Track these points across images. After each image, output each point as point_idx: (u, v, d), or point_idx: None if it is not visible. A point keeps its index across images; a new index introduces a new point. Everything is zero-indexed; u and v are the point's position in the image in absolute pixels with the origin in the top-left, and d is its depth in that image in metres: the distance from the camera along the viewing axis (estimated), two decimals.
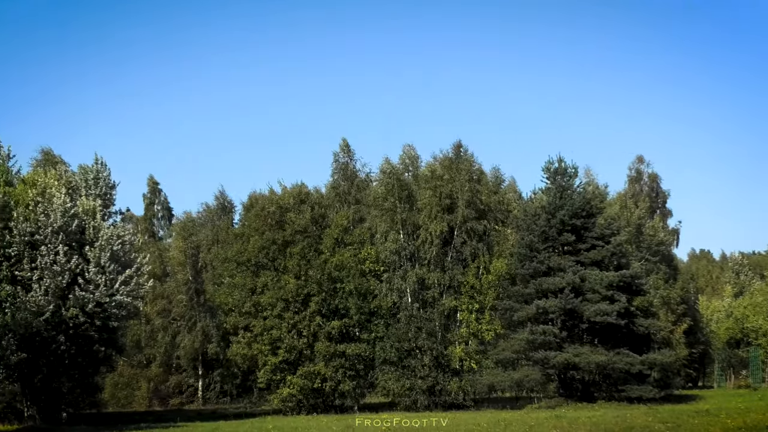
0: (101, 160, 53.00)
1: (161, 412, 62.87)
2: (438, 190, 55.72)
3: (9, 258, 46.03)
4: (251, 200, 62.71)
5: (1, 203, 46.49)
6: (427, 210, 55.36)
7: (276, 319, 53.75)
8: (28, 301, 44.85)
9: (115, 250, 48.02)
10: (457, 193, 55.63)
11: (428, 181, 56.78)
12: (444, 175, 56.66)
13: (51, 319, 45.20)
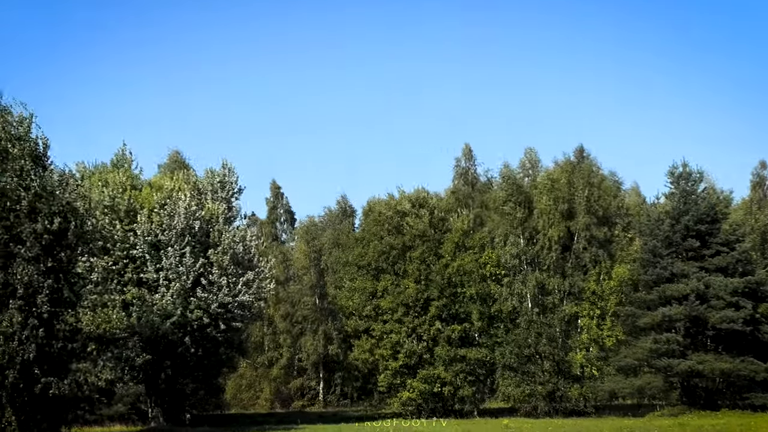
0: (228, 165, 54.03)
1: (283, 414, 63.76)
2: (557, 195, 55.10)
3: (134, 260, 47.48)
4: (369, 205, 63.18)
5: (127, 207, 48.01)
6: (545, 215, 54.81)
7: (396, 323, 54.02)
8: (154, 303, 46.22)
9: (237, 252, 48.98)
10: (577, 199, 54.90)
11: (547, 186, 56.19)
12: (563, 180, 55.97)
13: (176, 320, 46.41)
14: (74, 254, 36.98)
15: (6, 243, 33.92)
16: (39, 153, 36.53)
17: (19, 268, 33.45)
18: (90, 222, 39.13)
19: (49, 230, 34.28)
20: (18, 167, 34.69)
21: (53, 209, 34.86)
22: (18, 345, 32.90)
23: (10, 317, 33.02)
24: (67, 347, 35.97)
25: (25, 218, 34.11)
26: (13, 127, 36.06)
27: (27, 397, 34.48)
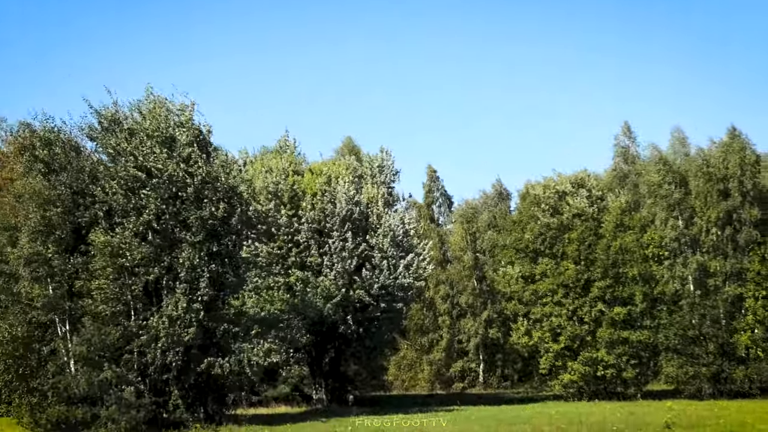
0: (386, 150, 54.81)
1: (444, 396, 64.24)
2: (712, 175, 53.45)
3: (298, 245, 48.80)
4: (527, 188, 62.84)
5: (290, 192, 49.34)
6: (702, 196, 53.27)
7: (555, 305, 53.64)
8: (318, 285, 47.43)
9: (397, 235, 49.71)
10: (733, 179, 53.10)
11: (701, 167, 54.53)
12: (717, 160, 54.23)
13: (339, 302, 47.47)
14: (239, 239, 38.31)
15: (172, 229, 35.48)
16: (203, 139, 38.09)
17: (184, 253, 34.97)
18: (254, 208, 40.46)
19: (215, 216, 35.63)
20: (184, 154, 36.18)
21: (218, 195, 36.19)
22: (182, 327, 34.42)
23: (175, 301, 34.50)
24: (230, 329, 37.37)
25: (191, 204, 35.53)
26: (175, 115, 37.73)
27: (192, 378, 36.04)
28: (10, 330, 35.91)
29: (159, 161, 35.25)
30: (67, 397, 34.70)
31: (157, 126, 36.30)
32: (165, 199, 35.22)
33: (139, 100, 37.91)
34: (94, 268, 34.79)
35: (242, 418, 37.63)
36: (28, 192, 36.49)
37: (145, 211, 34.83)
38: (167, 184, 35.33)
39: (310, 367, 53.07)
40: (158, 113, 36.93)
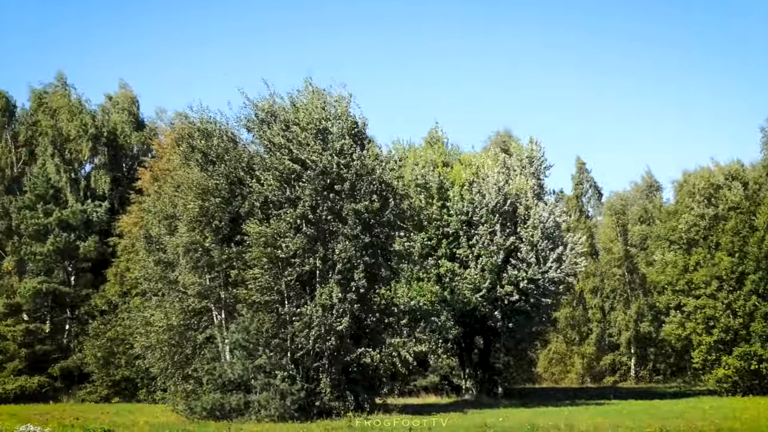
0: (536, 141, 54.36)
1: (594, 389, 63.32)
2: None
3: (447, 236, 48.95)
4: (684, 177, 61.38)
5: (438, 183, 49.58)
6: None
7: (709, 298, 52.22)
8: (466, 277, 47.51)
9: (547, 228, 49.25)
10: None
11: None
12: None
13: (487, 295, 47.30)
14: (392, 232, 38.67)
15: (326, 220, 36.12)
16: (358, 132, 38.38)
17: (339, 245, 35.43)
18: (407, 200, 40.72)
19: (369, 208, 36.09)
20: (338, 146, 36.64)
21: (372, 188, 36.42)
22: (336, 317, 34.87)
23: (330, 290, 34.81)
24: (382, 320, 37.73)
25: (346, 197, 35.88)
26: (332, 107, 38.33)
27: (343, 367, 36.56)
28: (167, 318, 37.14)
29: (314, 153, 35.63)
30: (222, 384, 35.38)
31: (311, 118, 36.78)
32: (319, 191, 35.46)
33: (298, 91, 38.45)
34: (250, 258, 35.37)
35: (392, 407, 37.60)
36: (186, 182, 37.45)
37: (300, 203, 35.27)
38: (322, 176, 35.57)
39: (459, 357, 53.23)
40: (315, 105, 37.36)
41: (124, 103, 64.48)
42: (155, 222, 41.03)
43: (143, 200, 51.44)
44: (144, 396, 49.93)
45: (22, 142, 62.33)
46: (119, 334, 50.20)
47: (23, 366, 55.07)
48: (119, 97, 65.32)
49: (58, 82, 64.36)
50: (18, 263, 58.34)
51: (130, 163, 61.32)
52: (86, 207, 58.07)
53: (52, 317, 59.05)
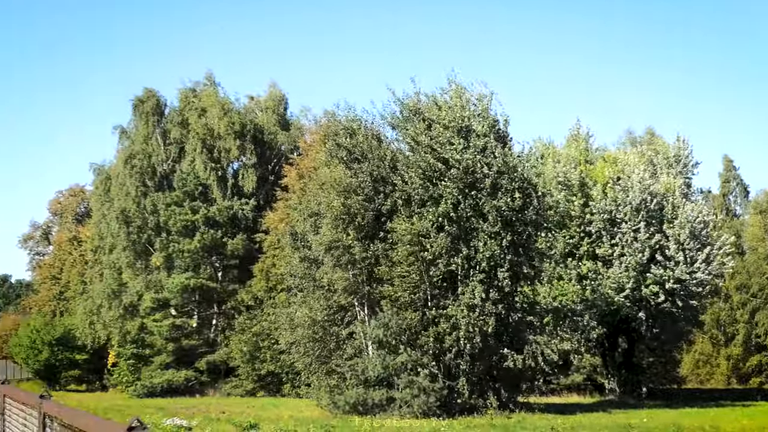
0: (683, 138, 52.95)
1: (740, 391, 61.46)
2: None
3: (590, 235, 48.14)
4: None
5: (580, 181, 48.78)
6: None
7: None
8: (609, 277, 46.62)
9: (694, 227, 47.86)
10: None
11: None
12: None
13: (631, 295, 46.32)
14: (534, 230, 38.26)
15: (468, 218, 35.96)
16: (499, 130, 38.06)
17: (481, 243, 35.21)
18: (548, 198, 40.23)
19: (511, 206, 35.77)
20: (481, 144, 36.50)
21: (514, 185, 36.12)
22: (479, 316, 34.72)
23: (472, 289, 34.81)
24: (524, 319, 37.45)
25: (488, 195, 35.77)
26: (473, 105, 38.16)
27: (485, 364, 36.34)
28: (311, 314, 37.71)
29: (456, 151, 35.69)
30: (364, 380, 35.76)
31: (454, 116, 36.75)
32: (462, 189, 35.50)
33: (441, 89, 38.48)
34: (394, 256, 35.62)
35: (534, 406, 37.40)
36: (330, 180, 37.97)
37: (442, 201, 35.39)
38: (464, 175, 35.56)
39: (602, 357, 52.44)
40: (457, 103, 37.36)
41: (271, 101, 65.75)
42: (300, 219, 41.67)
43: (289, 197, 52.35)
44: (288, 390, 50.82)
45: (172, 141, 64.23)
46: (264, 329, 51.23)
47: (171, 360, 56.87)
48: (267, 96, 66.65)
49: (207, 81, 66.20)
50: (166, 259, 60.20)
51: (276, 161, 62.41)
52: (233, 204, 59.46)
53: (199, 312, 60.74)
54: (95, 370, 72.71)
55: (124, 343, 60.95)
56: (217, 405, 43.53)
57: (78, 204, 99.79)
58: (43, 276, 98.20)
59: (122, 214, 62.35)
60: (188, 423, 32.10)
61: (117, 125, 67.84)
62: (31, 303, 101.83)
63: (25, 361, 72.57)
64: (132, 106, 66.14)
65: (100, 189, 67.90)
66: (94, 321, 64.93)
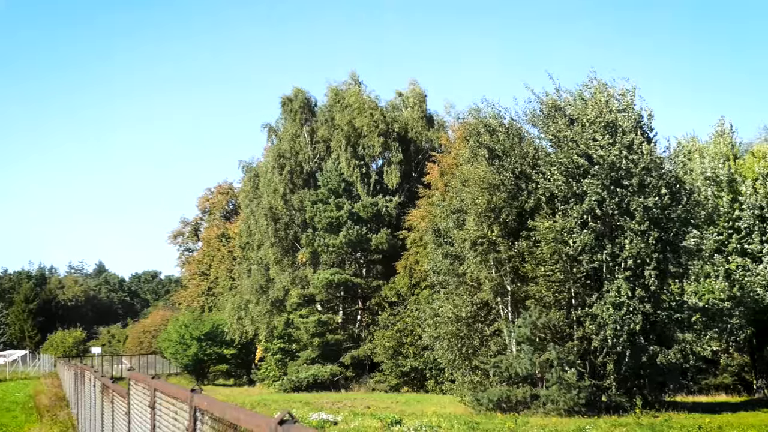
0: None
1: None
2: None
3: (739, 231, 46.56)
4: None
5: (729, 176, 47.22)
6: None
7: None
8: (758, 274, 44.92)
9: None
10: None
11: None
12: None
13: None
14: (682, 228, 37.15)
15: (613, 216, 35.16)
16: (643, 125, 37.29)
17: (627, 241, 34.46)
18: (697, 195, 39.05)
19: (658, 204, 34.80)
20: (626, 141, 35.68)
21: (661, 182, 35.30)
22: (625, 314, 33.98)
23: (618, 287, 34.13)
24: (672, 317, 36.42)
25: (634, 192, 34.95)
26: (616, 100, 37.29)
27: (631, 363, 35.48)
28: (455, 310, 37.80)
29: (601, 148, 35.07)
30: (508, 377, 35.81)
31: (598, 112, 36.11)
32: (606, 186, 34.91)
33: (582, 85, 38.03)
34: (537, 254, 35.43)
35: (681, 405, 36.61)
36: (473, 177, 37.98)
37: (586, 198, 34.82)
38: (609, 171, 34.97)
39: (750, 356, 50.62)
40: (599, 99, 36.75)
41: (413, 99, 65.99)
42: (443, 216, 41.62)
43: (432, 194, 52.29)
44: (432, 386, 50.88)
45: (318, 139, 65.20)
46: (408, 326, 51.38)
47: (316, 355, 57.72)
48: (409, 94, 66.95)
49: (351, 80, 67.01)
50: (312, 255, 61.08)
51: (419, 158, 62.52)
52: (377, 200, 59.84)
53: (344, 308, 61.39)
54: (243, 364, 74.54)
55: (271, 338, 62.20)
56: (361, 400, 43.89)
57: (227, 201, 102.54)
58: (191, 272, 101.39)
59: (270, 211, 63.69)
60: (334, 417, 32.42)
61: (266, 124, 69.55)
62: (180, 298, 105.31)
63: (174, 356, 74.87)
64: (281, 105, 67.66)
65: (249, 186, 69.49)
66: (242, 316, 66.40)
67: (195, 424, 6.19)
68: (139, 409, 9.84)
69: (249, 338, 67.32)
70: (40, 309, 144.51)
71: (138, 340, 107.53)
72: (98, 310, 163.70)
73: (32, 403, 39.43)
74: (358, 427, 29.72)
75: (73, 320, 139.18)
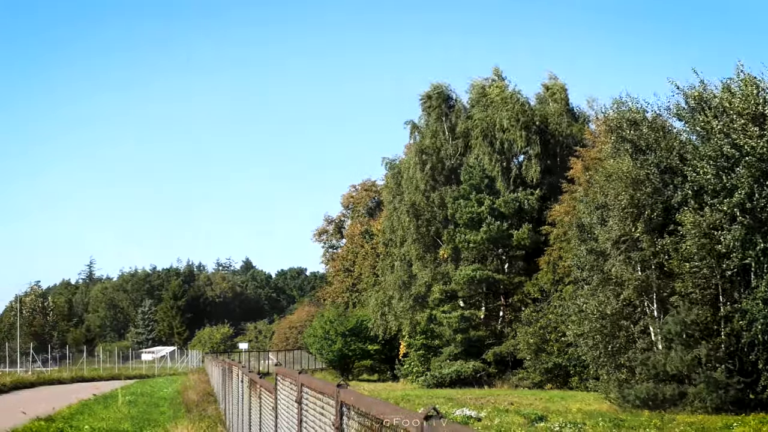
0: None
1: None
2: None
3: None
4: None
5: None
6: None
7: None
8: None
9: None
10: None
11: None
12: None
13: None
14: None
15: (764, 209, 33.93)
16: None
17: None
18: None
19: None
20: None
21: None
22: None
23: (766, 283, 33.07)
24: None
25: None
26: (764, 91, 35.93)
27: None
28: (599, 307, 37.28)
29: (751, 139, 33.90)
30: (655, 375, 35.17)
31: (747, 104, 34.94)
32: (757, 178, 33.76)
33: (729, 78, 36.87)
34: (683, 250, 34.63)
35: None
36: (616, 172, 37.39)
37: (736, 192, 33.77)
38: (759, 163, 33.80)
39: None
40: (750, 92, 35.54)
41: (554, 93, 65.17)
42: (586, 211, 41.07)
43: (575, 189, 51.53)
44: (576, 383, 50.23)
45: (458, 134, 65.17)
46: (551, 322, 50.82)
47: (459, 351, 57.68)
48: (549, 88, 66.15)
49: (494, 75, 66.70)
50: (454, 251, 61.09)
51: (561, 153, 61.68)
52: (518, 195, 59.37)
53: (486, 304, 61.19)
54: (386, 360, 75.12)
55: (414, 334, 62.51)
56: (504, 396, 43.76)
57: (370, 198, 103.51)
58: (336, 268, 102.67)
59: (412, 207, 64.03)
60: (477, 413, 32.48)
61: (408, 121, 69.94)
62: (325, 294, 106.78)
63: (319, 351, 76.04)
64: (420, 102, 67.94)
65: (392, 183, 70.00)
66: (385, 312, 66.88)
67: (341, 419, 6.29)
68: (286, 404, 10.04)
69: (392, 334, 67.77)
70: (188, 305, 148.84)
71: (284, 336, 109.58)
72: (245, 306, 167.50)
73: (180, 398, 40.62)
74: (502, 423, 29.66)
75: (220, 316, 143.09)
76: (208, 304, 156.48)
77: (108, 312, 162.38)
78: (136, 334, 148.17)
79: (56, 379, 67.05)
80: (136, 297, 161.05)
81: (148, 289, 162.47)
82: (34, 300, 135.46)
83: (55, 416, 30.47)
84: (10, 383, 56.12)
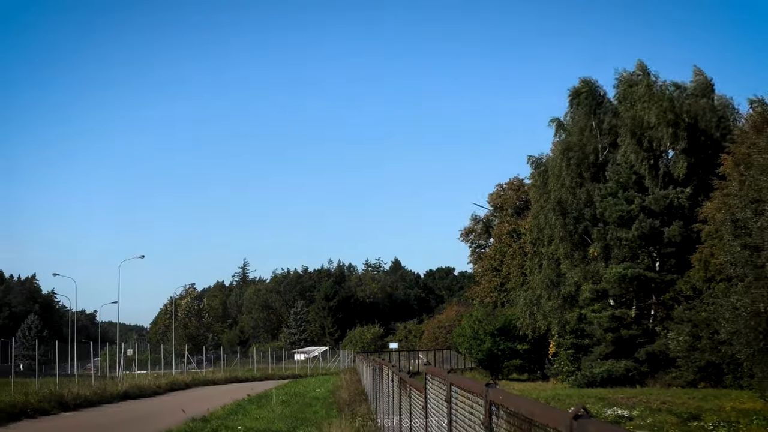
0: None
1: None
2: None
3: None
4: None
5: None
6: None
7: None
8: None
9: None
10: None
11: None
12: None
13: None
14: None
15: None
16: None
17: None
18: None
19: None
20: None
21: None
22: None
23: None
24: None
25: None
26: None
27: None
28: (752, 305, 36.44)
29: None
30: None
31: None
32: None
33: None
34: None
35: None
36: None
37: None
38: None
39: None
40: None
41: (699, 88, 63.66)
42: (740, 206, 40.15)
43: (726, 186, 50.34)
44: (730, 382, 49.02)
45: (606, 131, 64.43)
46: (704, 320, 49.78)
47: (609, 350, 57.11)
48: (694, 83, 64.65)
49: (639, 71, 65.55)
50: (603, 249, 60.42)
51: (708, 148, 60.18)
52: (668, 193, 58.30)
53: (637, 302, 60.30)
54: (536, 359, 74.93)
55: (563, 333, 62.23)
56: (657, 396, 43.23)
57: (517, 197, 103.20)
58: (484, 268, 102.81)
59: (558, 205, 63.66)
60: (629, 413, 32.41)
61: (554, 118, 69.53)
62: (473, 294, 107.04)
63: (468, 350, 76.43)
64: (568, 98, 67.51)
65: (538, 181, 69.70)
66: (534, 311, 66.73)
67: (490, 418, 6.39)
68: (436, 402, 10.21)
69: (541, 333, 67.56)
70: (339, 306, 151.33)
71: (433, 336, 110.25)
72: (395, 306, 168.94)
73: (332, 398, 41.52)
74: (654, 422, 29.55)
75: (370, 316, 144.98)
76: (358, 304, 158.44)
77: (261, 313, 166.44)
78: (288, 335, 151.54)
79: (210, 380, 69.47)
80: (288, 298, 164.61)
81: (300, 290, 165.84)
82: (189, 302, 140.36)
83: (210, 416, 31.66)
84: (166, 385, 58.42)
